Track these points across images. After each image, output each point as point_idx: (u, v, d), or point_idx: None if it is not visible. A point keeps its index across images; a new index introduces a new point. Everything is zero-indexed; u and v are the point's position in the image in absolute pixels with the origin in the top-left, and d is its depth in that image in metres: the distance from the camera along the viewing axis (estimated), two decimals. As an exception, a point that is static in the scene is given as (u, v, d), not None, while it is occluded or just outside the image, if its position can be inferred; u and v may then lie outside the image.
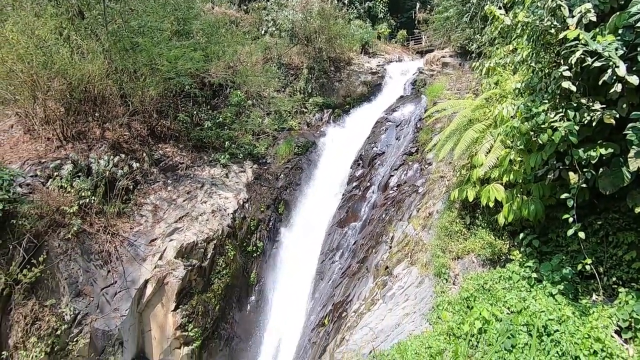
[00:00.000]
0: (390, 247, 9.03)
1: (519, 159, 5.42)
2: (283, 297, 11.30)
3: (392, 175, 11.50)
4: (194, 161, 12.53)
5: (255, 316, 10.96)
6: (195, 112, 13.57)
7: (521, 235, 5.71)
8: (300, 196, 13.51)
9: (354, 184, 12.87)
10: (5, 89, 9.67)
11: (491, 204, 5.84)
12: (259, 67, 16.84)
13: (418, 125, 12.59)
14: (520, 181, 5.53)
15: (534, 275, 5.21)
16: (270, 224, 12.35)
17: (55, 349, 8.05)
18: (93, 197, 9.33)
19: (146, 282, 9.28)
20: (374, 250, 9.67)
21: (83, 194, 9.18)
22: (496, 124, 6.37)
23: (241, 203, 11.93)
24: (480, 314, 4.89)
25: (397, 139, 13.36)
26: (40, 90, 9.62)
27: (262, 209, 12.35)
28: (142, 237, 9.86)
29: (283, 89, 17.75)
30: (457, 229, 6.90)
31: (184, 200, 11.10)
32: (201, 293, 9.96)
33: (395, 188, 11.08)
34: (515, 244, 5.93)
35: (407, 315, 6.64)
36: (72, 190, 9.13)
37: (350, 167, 13.67)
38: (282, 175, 13.85)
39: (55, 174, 9.22)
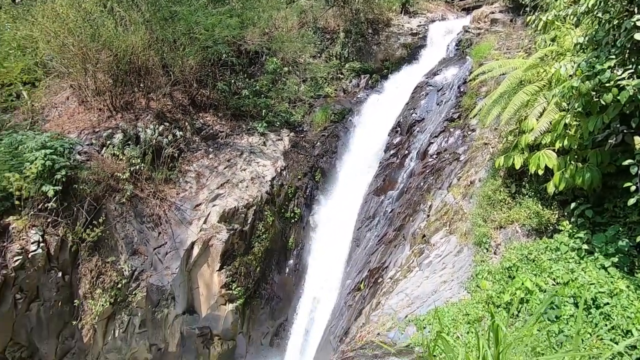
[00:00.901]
0: (428, 216, 8.89)
1: (575, 122, 4.98)
2: (320, 262, 11.67)
3: (432, 143, 11.10)
4: (233, 129, 12.82)
5: (293, 279, 11.47)
6: (232, 81, 13.70)
7: (572, 204, 5.36)
8: (337, 164, 13.51)
9: (392, 151, 12.61)
10: (59, 62, 10.28)
11: (540, 172, 5.49)
12: (294, 33, 16.46)
13: (461, 89, 11.87)
14: (575, 147, 5.12)
15: (585, 246, 4.94)
16: (307, 191, 12.55)
17: (118, 300, 9.00)
18: (142, 164, 9.94)
19: (193, 243, 9.94)
20: (411, 219, 9.58)
21: (133, 161, 9.79)
22: (551, 84, 5.85)
23: (279, 171, 12.17)
24: (522, 283, 4.77)
25: (438, 105, 12.75)
26: (90, 62, 10.11)
27: (299, 177, 12.53)
28: (188, 202, 10.46)
29: (319, 55, 17.31)
30: (500, 198, 6.62)
31: (224, 168, 11.51)
32: (243, 255, 10.53)
33: (434, 156, 10.72)
34: (565, 214, 5.60)
35: (445, 283, 6.62)
36: (124, 158, 9.76)
37: (388, 135, 13.34)
38: (318, 143, 13.84)
39: (108, 142, 9.86)
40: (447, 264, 7.22)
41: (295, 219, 11.97)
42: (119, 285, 9.03)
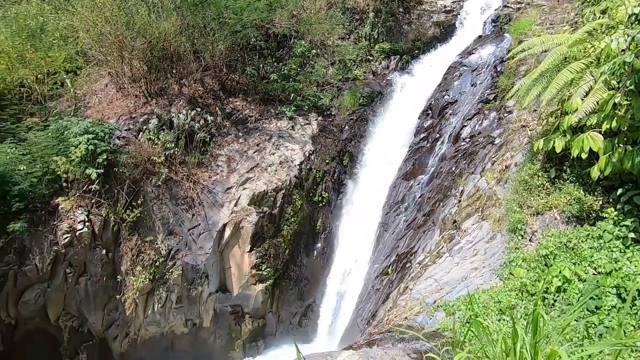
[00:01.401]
0: (460, 201, 8.66)
1: (626, 102, 4.61)
2: (347, 245, 11.74)
3: (465, 126, 10.69)
4: (262, 114, 12.94)
5: (321, 261, 11.64)
6: (261, 65, 13.74)
7: (619, 190, 5.03)
8: (365, 148, 13.35)
9: (422, 135, 12.28)
10: (98, 50, 10.71)
11: (584, 155, 5.16)
12: (322, 14, 16.13)
13: (498, 69, 11.27)
14: (625, 129, 4.75)
15: (632, 235, 4.64)
16: (335, 175, 12.55)
17: (156, 277, 9.54)
18: (176, 149, 10.29)
19: (224, 225, 10.28)
20: (441, 204, 9.38)
21: (168, 145, 10.16)
22: (599, 61, 5.41)
23: (307, 155, 12.22)
24: (560, 272, 4.58)
25: (472, 86, 12.19)
26: (126, 50, 10.46)
27: (327, 161, 12.53)
28: (219, 185, 10.77)
29: (347, 36, 16.92)
30: (538, 183, 6.32)
31: (254, 152, 11.70)
32: (272, 238, 10.79)
33: (467, 139, 10.34)
34: (611, 200, 5.27)
35: (475, 270, 6.48)
36: (159, 142, 10.15)
37: (418, 118, 12.98)
38: (346, 127, 13.71)
39: (144, 127, 10.27)
40: (479, 251, 7.05)
41: (323, 203, 12.05)
42: (157, 264, 9.55)
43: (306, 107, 13.68)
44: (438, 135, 11.73)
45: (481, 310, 4.81)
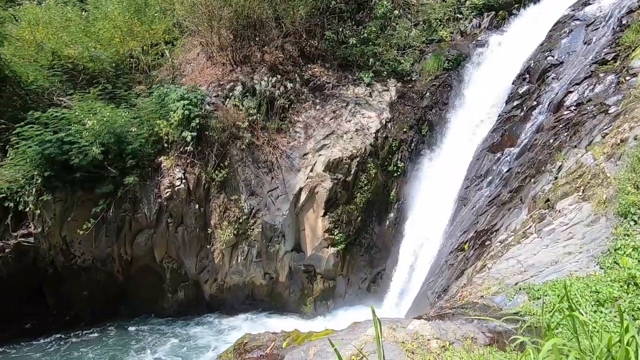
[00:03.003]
0: (556, 178, 7.73)
1: None
2: (421, 218, 11.43)
3: (571, 92, 9.26)
4: (339, 80, 12.81)
5: (393, 231, 11.59)
6: (340, 29, 13.41)
7: None
8: (447, 117, 12.49)
9: (515, 102, 11.00)
10: (191, 21, 11.50)
11: None
12: (407, -31, 14.91)
13: (623, 22, 9.35)
14: None
15: None
16: (413, 145, 12.07)
17: (240, 232, 10.52)
18: (258, 115, 10.85)
19: (300, 189, 10.75)
20: (532, 180, 8.49)
21: (251, 111, 10.75)
22: None
23: (384, 123, 11.91)
24: (683, 267, 3.89)
25: (585, 44, 10.36)
26: (215, 19, 11.06)
27: (404, 129, 12.08)
28: (296, 151, 11.18)
29: (435, -8, 15.47)
30: (664, 162, 5.29)
31: (330, 119, 11.78)
32: (345, 204, 11.00)
33: (572, 107, 8.98)
34: None
35: (569, 255, 5.85)
36: (243, 109, 10.79)
37: (512, 83, 11.58)
38: (427, 93, 12.90)
39: (230, 94, 10.96)
40: (575, 234, 6.30)
41: (398, 173, 11.78)
42: (240, 220, 10.50)
43: (385, 72, 13.13)
44: (535, 102, 10.39)
45: (574, 298, 4.38)
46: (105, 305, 10.63)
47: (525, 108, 10.63)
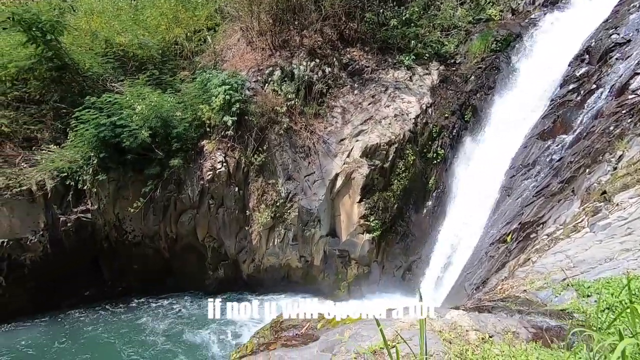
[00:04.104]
0: (615, 169, 7.14)
1: None
2: (461, 207, 11.06)
3: (638, 73, 8.40)
4: (379, 64, 12.49)
5: (430, 220, 11.33)
6: (381, 11, 12.97)
7: None
8: (493, 101, 11.81)
9: (571, 86, 10.16)
10: (232, 7, 11.64)
11: None
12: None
13: None
14: None
15: None
16: (454, 131, 11.59)
17: (277, 216, 10.78)
18: (296, 99, 10.90)
19: (337, 175, 10.76)
20: (587, 170, 7.89)
21: (289, 96, 10.81)
22: None
23: (424, 108, 11.51)
24: None
25: (658, 20, 9.29)
26: (255, 4, 11.12)
27: (446, 115, 11.60)
28: (333, 136, 11.14)
29: (484, -32, 14.44)
30: None
31: (368, 104, 11.57)
32: (382, 191, 10.88)
33: (639, 91, 8.16)
34: None
35: (627, 252, 5.43)
36: (282, 93, 10.87)
37: (569, 65, 10.66)
38: (472, 77, 12.23)
39: (269, 79, 11.07)
40: (635, 230, 5.82)
41: (438, 160, 11.40)
42: (277, 204, 10.74)
43: (427, 55, 12.60)
44: (594, 86, 9.54)
45: (633, 298, 4.06)
46: (153, 279, 11.43)
47: (582, 92, 9.80)
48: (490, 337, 3.64)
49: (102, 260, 11.19)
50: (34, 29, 9.73)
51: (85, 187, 10.23)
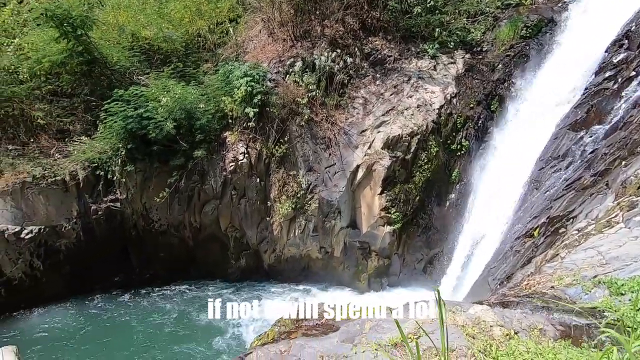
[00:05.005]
0: (655, 161, 6.73)
1: None
2: (485, 200, 10.76)
3: (684, 60, 7.83)
4: (402, 53, 12.21)
5: (453, 213, 11.11)
6: (405, -2, 12.63)
7: None
8: (521, 90, 11.35)
9: (607, 73, 9.59)
10: (254, -2, 11.62)
11: None
12: None
13: None
14: None
15: None
16: (480, 122, 11.24)
17: (297, 207, 10.86)
18: (317, 90, 10.84)
19: (358, 166, 10.69)
20: (623, 163, 7.49)
21: (310, 87, 10.76)
22: None
23: (448, 98, 11.20)
24: None
25: None
26: (276, -6, 11.05)
27: (471, 105, 11.26)
28: (354, 127, 11.04)
29: (515, -51, 13.74)
30: None
31: (390, 94, 11.37)
32: (403, 183, 10.74)
33: (684, 79, 7.62)
34: None
35: (665, 248, 5.14)
36: (303, 84, 10.84)
37: (605, 51, 10.06)
38: (499, 65, 11.77)
39: (291, 70, 11.04)
40: (675, 226, 5.50)
41: (462, 152, 11.11)
42: (298, 195, 10.80)
43: (452, 43, 12.20)
44: (634, 72, 8.98)
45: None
46: (177, 268, 11.82)
47: (620, 79, 9.24)
48: (516, 333, 3.56)
49: (131, 249, 11.65)
50: (65, 25, 10.08)
51: (114, 177, 10.64)
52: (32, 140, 10.79)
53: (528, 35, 11.78)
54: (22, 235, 10.12)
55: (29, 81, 10.95)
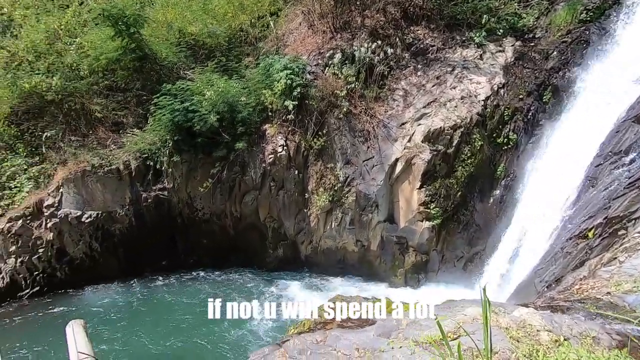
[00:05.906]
0: None
1: None
2: (534, 197, 10.13)
3: None
4: (445, 42, 11.71)
5: (497, 210, 10.58)
6: (450, -17, 12.06)
7: None
8: (578, 80, 10.48)
9: (683, 60, 8.61)
10: (294, -10, 11.65)
11: None
12: None
13: None
14: None
15: None
16: (530, 114, 10.55)
17: (334, 199, 10.89)
18: (356, 83, 10.72)
19: (396, 160, 10.48)
20: (697, 160, 6.72)
21: (349, 79, 10.67)
22: None
23: (495, 89, 10.62)
24: None
25: None
26: (316, -15, 10.99)
27: (520, 96, 10.59)
28: (394, 120, 10.81)
29: None
30: None
31: (432, 86, 10.98)
32: (444, 178, 10.39)
33: None
34: None
35: None
36: (342, 77, 10.76)
37: (681, 34, 9.02)
38: (554, 52, 10.93)
39: (330, 62, 11.00)
40: None
41: (509, 146, 10.51)
42: (336, 188, 10.82)
43: (501, 30, 11.48)
44: None
45: None
46: (219, 255, 12.35)
47: (698, 66, 8.25)
48: (566, 339, 3.35)
49: (178, 236, 12.34)
50: (120, 23, 10.75)
51: (162, 167, 11.28)
52: (91, 132, 11.70)
53: (589, 19, 10.81)
54: (82, 219, 11.08)
55: (88, 77, 11.85)
